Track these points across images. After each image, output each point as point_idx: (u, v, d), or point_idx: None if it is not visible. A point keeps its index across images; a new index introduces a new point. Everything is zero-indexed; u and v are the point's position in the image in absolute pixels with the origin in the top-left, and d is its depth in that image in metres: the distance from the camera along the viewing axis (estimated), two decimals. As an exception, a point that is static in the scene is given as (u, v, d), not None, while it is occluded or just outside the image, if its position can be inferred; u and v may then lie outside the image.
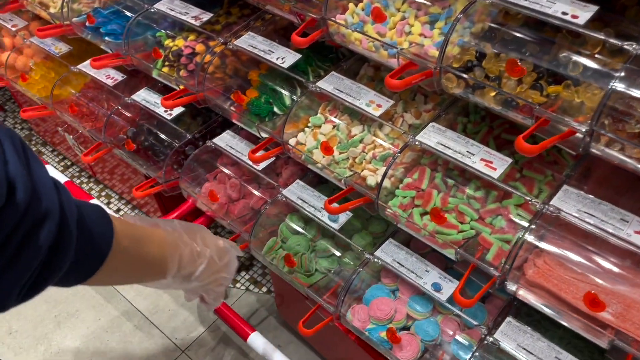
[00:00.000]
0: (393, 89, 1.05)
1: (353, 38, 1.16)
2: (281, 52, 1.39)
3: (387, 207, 1.16)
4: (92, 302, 2.01)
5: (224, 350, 1.83)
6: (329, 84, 1.29)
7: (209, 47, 1.49)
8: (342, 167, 1.24)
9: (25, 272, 0.54)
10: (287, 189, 1.41)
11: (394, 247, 1.27)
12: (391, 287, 1.29)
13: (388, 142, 1.24)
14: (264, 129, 1.37)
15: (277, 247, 1.42)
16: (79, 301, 2.02)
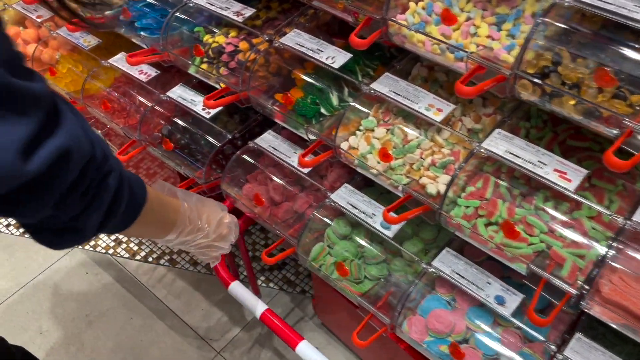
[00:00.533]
0: (464, 96, 0.99)
1: (415, 40, 1.10)
2: (330, 51, 1.33)
3: (450, 217, 1.11)
4: (123, 301, 1.98)
5: (260, 352, 1.80)
6: (383, 86, 1.23)
7: (253, 45, 1.43)
8: (398, 173, 1.19)
9: (102, 209, 0.70)
10: (336, 194, 1.36)
11: (451, 257, 1.23)
12: (447, 297, 1.24)
13: (447, 147, 1.19)
14: (313, 131, 1.31)
15: (325, 253, 1.38)
16: (110, 300, 1.99)
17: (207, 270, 2.05)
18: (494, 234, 1.09)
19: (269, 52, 1.42)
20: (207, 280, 2.01)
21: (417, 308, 1.25)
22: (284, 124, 1.41)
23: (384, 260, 1.37)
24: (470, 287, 1.16)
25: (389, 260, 1.37)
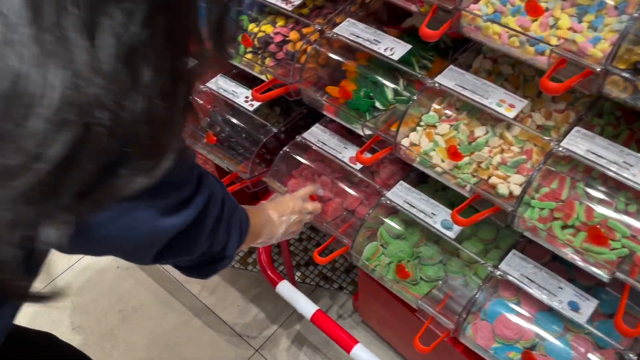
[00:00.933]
0: (551, 93, 0.93)
1: (491, 32, 1.03)
2: (389, 42, 1.26)
3: (524, 219, 1.05)
4: (157, 296, 1.94)
5: (300, 350, 1.76)
6: (449, 80, 1.17)
7: (304, 35, 1.36)
8: (465, 172, 1.14)
9: (237, 234, 0.86)
10: (392, 192, 1.31)
11: (519, 259, 1.17)
12: (512, 301, 1.19)
13: (517, 145, 1.13)
14: (370, 126, 1.25)
15: (379, 253, 1.33)
16: (143, 294, 1.94)
17: (241, 265, 2.01)
18: (571, 237, 1.03)
19: (321, 43, 1.35)
20: (242, 275, 1.97)
21: (480, 312, 1.20)
22: (336, 118, 1.35)
23: (440, 261, 1.31)
24: (542, 293, 1.11)
25: (445, 260, 1.32)
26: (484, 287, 1.18)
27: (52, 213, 0.43)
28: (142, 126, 0.43)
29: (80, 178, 0.42)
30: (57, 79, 0.37)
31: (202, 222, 0.75)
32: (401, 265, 1.24)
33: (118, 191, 0.46)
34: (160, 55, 0.43)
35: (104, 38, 0.39)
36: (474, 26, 1.06)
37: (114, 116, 0.41)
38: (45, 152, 0.39)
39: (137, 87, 0.42)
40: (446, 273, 1.30)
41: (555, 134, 1.12)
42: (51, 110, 0.37)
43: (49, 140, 0.39)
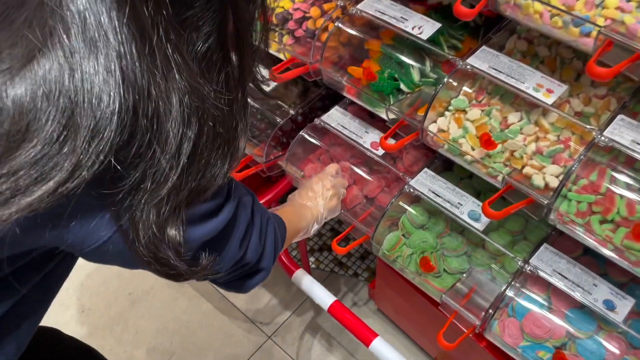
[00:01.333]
0: (598, 78, 0.86)
1: (532, 10, 0.96)
2: (417, 19, 1.18)
3: (560, 213, 0.99)
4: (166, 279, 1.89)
5: (313, 338, 1.72)
6: (482, 62, 1.10)
7: (325, 11, 1.28)
8: (497, 161, 1.07)
9: (271, 246, 0.83)
10: (416, 180, 1.24)
11: (550, 254, 1.11)
12: (542, 296, 1.13)
13: (554, 133, 1.05)
14: (395, 110, 1.18)
15: (401, 244, 1.27)
16: (153, 277, 1.89)
17: (253, 249, 1.96)
18: (610, 233, 0.97)
19: (343, 20, 1.27)
20: (253, 260, 1.92)
21: (507, 308, 1.14)
22: (358, 101, 1.28)
23: (465, 253, 1.25)
24: (576, 290, 1.05)
25: (470, 252, 1.26)
26: (513, 283, 1.12)
27: (179, 209, 0.53)
28: (228, 116, 0.53)
29: (198, 169, 0.51)
30: (176, 88, 0.47)
31: (232, 230, 0.70)
32: (426, 258, 1.18)
33: (215, 180, 0.54)
34: (229, 57, 0.54)
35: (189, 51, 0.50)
36: (513, 3, 0.98)
37: (214, 110, 0.50)
38: (183, 149, 0.48)
39: (222, 85, 0.53)
40: (471, 265, 1.24)
41: (595, 122, 1.05)
42: (180, 112, 0.47)
43: (183, 138, 0.48)
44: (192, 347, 1.73)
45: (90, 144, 0.44)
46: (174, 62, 0.46)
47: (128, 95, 0.44)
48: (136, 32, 0.44)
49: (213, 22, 0.50)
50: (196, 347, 1.72)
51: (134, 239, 0.52)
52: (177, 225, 0.54)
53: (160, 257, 0.54)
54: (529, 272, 1.10)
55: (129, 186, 0.48)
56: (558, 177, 1.01)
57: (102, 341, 1.75)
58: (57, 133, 0.43)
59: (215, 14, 0.50)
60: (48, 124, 0.42)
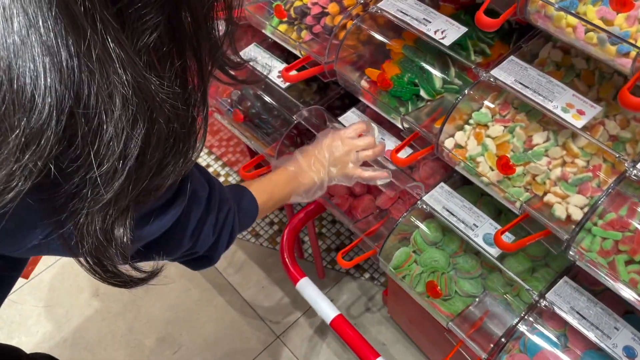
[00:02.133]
0: (632, 109, 0.75)
1: (564, 23, 0.85)
2: (441, 22, 1.08)
3: (581, 250, 0.89)
4: (181, 269, 1.87)
5: (322, 341, 1.67)
6: (507, 74, 0.99)
7: (345, 7, 1.20)
8: (517, 185, 0.97)
9: (226, 236, 0.79)
10: (429, 195, 1.16)
11: (570, 289, 1.01)
12: (558, 333, 1.04)
13: (583, 158, 0.95)
14: (410, 120, 1.10)
15: (411, 261, 1.19)
16: (167, 266, 1.88)
17: (269, 244, 1.92)
18: (636, 276, 0.87)
19: (363, 18, 1.18)
20: (269, 255, 1.88)
21: (519, 342, 1.06)
22: (373, 106, 1.19)
23: (479, 275, 1.17)
24: (594, 333, 0.95)
25: (485, 275, 1.17)
26: (527, 317, 1.03)
27: (127, 210, 0.49)
28: (183, 113, 0.48)
29: (149, 169, 0.47)
30: (119, 84, 0.41)
31: (183, 227, 0.68)
32: (433, 282, 1.10)
33: (168, 178, 0.51)
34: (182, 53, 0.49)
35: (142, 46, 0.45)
36: (544, 14, 0.87)
37: (168, 107, 0.46)
38: (129, 150, 0.44)
39: (178, 81, 0.49)
40: (485, 289, 1.15)
41: (631, 148, 0.94)
42: (125, 111, 0.42)
43: (129, 139, 0.43)
44: (200, 340, 1.71)
45: (25, 152, 0.39)
46: (115, 56, 0.41)
47: (64, 95, 0.39)
48: (68, 25, 0.39)
49: (160, 11, 0.45)
50: (204, 341, 1.71)
51: (76, 244, 0.48)
52: (124, 226, 0.50)
53: (105, 263, 0.50)
54: (544, 307, 1.01)
55: (69, 192, 0.44)
56: (582, 208, 0.91)
57: (113, 327, 1.76)
58: None
59: (163, 2, 0.45)
60: None
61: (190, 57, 0.50)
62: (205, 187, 0.72)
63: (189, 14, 0.48)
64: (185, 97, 0.50)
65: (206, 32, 0.51)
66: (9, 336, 1.73)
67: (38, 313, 1.80)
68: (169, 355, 1.70)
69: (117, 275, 0.53)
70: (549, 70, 1.04)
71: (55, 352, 1.70)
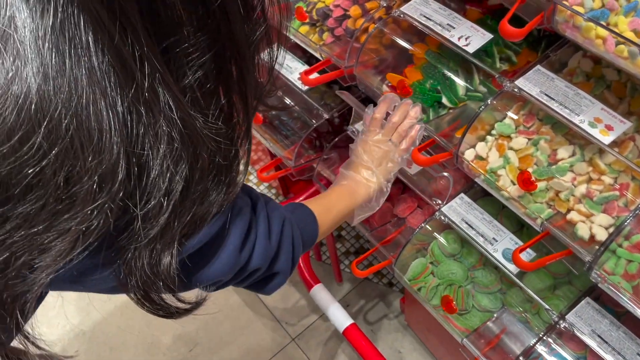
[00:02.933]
0: (663, 129, 0.71)
1: (593, 34, 0.80)
2: (465, 28, 1.05)
3: (604, 273, 0.85)
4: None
5: (338, 346, 1.65)
6: (532, 85, 0.95)
7: (367, 10, 1.17)
8: (539, 201, 0.93)
9: (289, 257, 0.75)
10: (448, 206, 1.12)
11: (592, 311, 0.97)
12: (577, 355, 1.00)
13: (611, 175, 0.90)
14: (429, 129, 1.06)
15: (427, 272, 1.16)
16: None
17: (288, 244, 1.90)
18: (663, 303, 0.82)
19: (386, 22, 1.15)
20: (287, 256, 1.87)
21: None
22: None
23: (498, 290, 1.13)
24: (615, 357, 0.91)
25: (505, 290, 1.13)
26: (546, 337, 0.99)
27: (173, 242, 0.49)
28: (226, 147, 0.49)
29: (192, 202, 0.48)
30: (164, 123, 0.42)
31: (221, 242, 0.64)
32: (448, 297, 1.07)
33: (212, 208, 0.51)
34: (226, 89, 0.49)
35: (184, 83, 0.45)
36: (572, 24, 0.83)
37: (212, 143, 0.47)
38: (174, 185, 0.45)
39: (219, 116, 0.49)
40: (503, 305, 1.12)
41: (662, 166, 0.89)
42: (170, 149, 0.43)
43: (174, 176, 0.44)
44: (216, 338, 1.72)
45: (99, 193, 0.40)
46: (161, 96, 0.42)
47: (122, 136, 0.40)
48: (116, 66, 0.39)
49: (206, 49, 0.45)
50: (220, 340, 1.71)
51: (125, 280, 0.49)
52: (171, 256, 0.50)
53: (152, 296, 0.52)
54: (564, 329, 0.97)
55: (119, 229, 0.45)
56: (607, 229, 0.87)
57: (131, 322, 1.78)
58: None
59: (208, 39, 0.45)
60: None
61: (235, 94, 0.51)
62: (247, 200, 0.69)
63: (235, 53, 0.48)
64: (228, 132, 0.50)
65: (251, 71, 0.51)
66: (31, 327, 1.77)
67: (59, 305, 1.83)
68: (184, 352, 1.70)
69: (164, 308, 0.54)
70: (577, 81, 0.99)
71: (74, 344, 1.73)
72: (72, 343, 1.73)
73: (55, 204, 0.40)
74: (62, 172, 0.39)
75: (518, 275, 1.05)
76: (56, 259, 0.42)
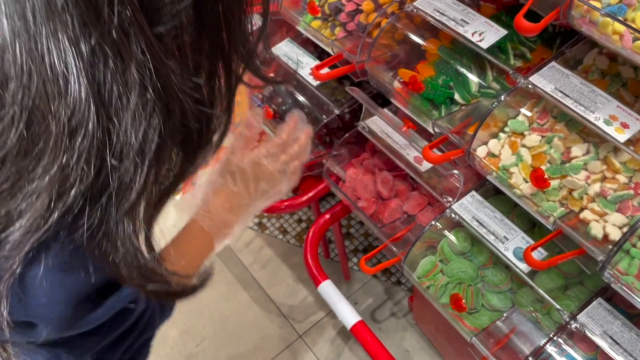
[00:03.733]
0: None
1: (610, 30, 0.79)
2: (479, 24, 1.04)
3: (617, 273, 0.83)
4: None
5: (345, 344, 1.65)
6: (547, 81, 0.94)
7: (380, 5, 1.16)
8: (552, 199, 0.92)
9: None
10: (459, 204, 1.11)
11: (604, 312, 0.95)
12: (588, 356, 0.99)
13: (625, 174, 0.89)
14: (441, 125, 1.05)
15: (436, 270, 1.15)
16: (195, 258, 1.90)
17: (296, 241, 1.90)
18: (678, 305, 0.81)
19: (399, 16, 1.14)
20: (295, 253, 1.87)
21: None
22: (404, 109, 1.15)
23: (509, 289, 1.12)
24: (627, 359, 0.89)
25: (515, 289, 1.12)
26: (556, 337, 0.98)
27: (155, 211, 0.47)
28: (202, 110, 0.45)
29: (163, 162, 0.44)
30: (136, 68, 0.38)
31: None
32: (457, 295, 1.06)
33: (175, 182, 0.47)
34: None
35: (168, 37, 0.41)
36: (589, 19, 0.81)
37: (187, 99, 0.43)
38: (147, 145, 0.40)
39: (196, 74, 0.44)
40: (514, 305, 1.10)
41: (679, 166, 0.87)
42: (140, 99, 0.39)
43: (146, 132, 0.40)
44: (223, 334, 1.72)
45: (72, 141, 0.36)
46: (133, 38, 0.37)
47: (88, 79, 0.36)
48: (83, 3, 0.35)
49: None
50: (227, 335, 1.71)
51: (112, 260, 0.45)
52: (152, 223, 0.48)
53: (150, 270, 0.48)
54: (575, 329, 0.96)
55: (92, 197, 0.41)
56: (621, 228, 0.86)
57: (139, 315, 1.78)
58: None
59: None
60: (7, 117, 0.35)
61: (218, 52, 0.46)
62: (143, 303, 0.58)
63: (222, 6, 0.43)
64: (205, 94, 0.46)
65: (239, 28, 0.46)
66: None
67: (68, 297, 1.84)
68: (191, 347, 1.70)
69: (170, 292, 0.52)
70: (593, 78, 0.98)
71: (83, 337, 1.74)
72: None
73: (19, 158, 0.36)
74: (22, 117, 0.35)
75: (529, 275, 1.03)
76: (29, 229, 0.38)
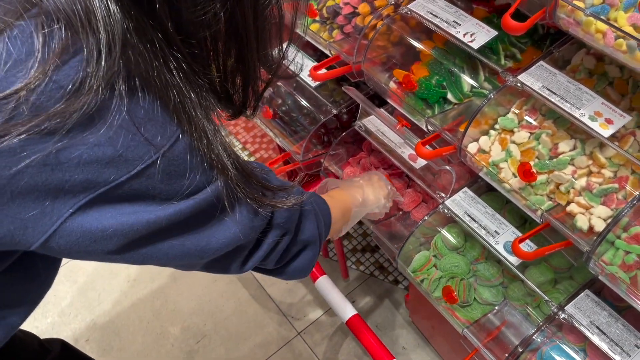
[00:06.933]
0: (658, 119, 0.72)
1: (593, 28, 0.82)
2: (470, 25, 1.07)
3: (602, 263, 0.86)
4: (209, 261, 1.92)
5: (343, 341, 1.67)
6: (535, 80, 0.97)
7: (375, 8, 1.20)
8: (539, 193, 0.95)
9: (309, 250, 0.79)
10: (452, 200, 1.14)
11: (591, 303, 0.98)
12: (577, 347, 1.01)
13: (610, 168, 0.92)
14: (434, 122, 1.09)
15: (430, 265, 1.18)
16: (196, 257, 1.93)
17: (296, 241, 1.93)
18: (660, 294, 0.83)
19: (394, 19, 1.18)
20: (295, 252, 1.89)
21: (535, 354, 1.03)
22: (399, 108, 1.19)
23: (500, 284, 1.15)
24: (614, 350, 0.92)
25: (507, 284, 1.15)
26: (545, 327, 1.01)
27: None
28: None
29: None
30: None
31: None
32: (449, 287, 1.09)
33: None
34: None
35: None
36: (574, 19, 0.85)
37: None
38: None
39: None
40: (505, 298, 1.13)
41: (662, 160, 0.90)
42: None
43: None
44: (223, 331, 1.74)
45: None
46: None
47: None
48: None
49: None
50: (227, 333, 1.74)
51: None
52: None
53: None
54: (563, 320, 0.99)
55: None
56: (606, 220, 0.89)
57: (141, 313, 1.81)
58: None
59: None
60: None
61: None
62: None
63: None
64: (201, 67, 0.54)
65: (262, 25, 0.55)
66: (44, 315, 1.81)
67: (72, 295, 1.87)
68: (192, 344, 1.73)
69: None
70: (580, 78, 1.01)
71: (85, 333, 1.77)
72: (82, 332, 1.77)
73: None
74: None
75: (519, 268, 1.06)
76: None
